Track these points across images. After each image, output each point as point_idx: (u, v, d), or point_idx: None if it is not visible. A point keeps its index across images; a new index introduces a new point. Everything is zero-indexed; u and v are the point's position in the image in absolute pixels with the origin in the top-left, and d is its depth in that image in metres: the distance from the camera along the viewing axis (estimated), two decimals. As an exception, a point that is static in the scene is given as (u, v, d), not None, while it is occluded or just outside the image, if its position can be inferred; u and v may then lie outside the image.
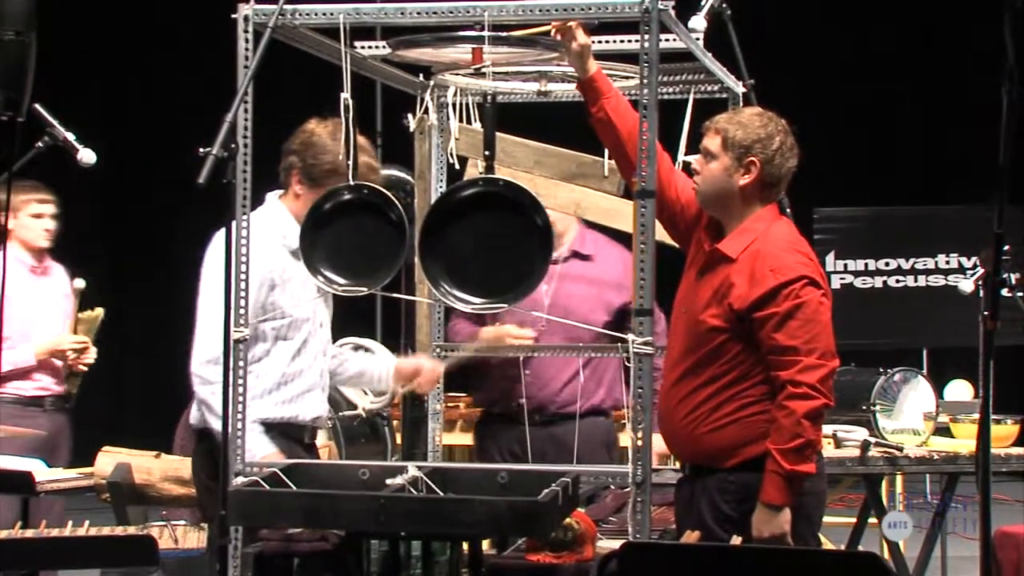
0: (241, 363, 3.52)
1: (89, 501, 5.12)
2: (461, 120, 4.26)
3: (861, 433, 4.89)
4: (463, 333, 4.85)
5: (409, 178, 4.64)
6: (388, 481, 3.27)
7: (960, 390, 5.87)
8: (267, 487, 3.27)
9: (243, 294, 3.53)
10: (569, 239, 4.89)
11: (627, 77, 3.95)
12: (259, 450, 3.85)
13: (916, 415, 5.03)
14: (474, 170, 4.30)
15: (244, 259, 3.53)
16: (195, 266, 4.06)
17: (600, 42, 3.94)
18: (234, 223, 3.44)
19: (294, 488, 3.32)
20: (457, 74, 4.06)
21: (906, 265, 6.36)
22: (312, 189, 3.97)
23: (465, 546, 3.36)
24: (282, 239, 4.02)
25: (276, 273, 3.98)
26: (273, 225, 4.04)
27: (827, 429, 4.67)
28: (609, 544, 3.57)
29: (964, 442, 5.04)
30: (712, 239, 3.73)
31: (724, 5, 4.34)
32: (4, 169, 2.55)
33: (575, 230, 4.91)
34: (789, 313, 3.56)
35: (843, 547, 5.46)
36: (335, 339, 4.36)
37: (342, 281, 3.64)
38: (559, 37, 3.58)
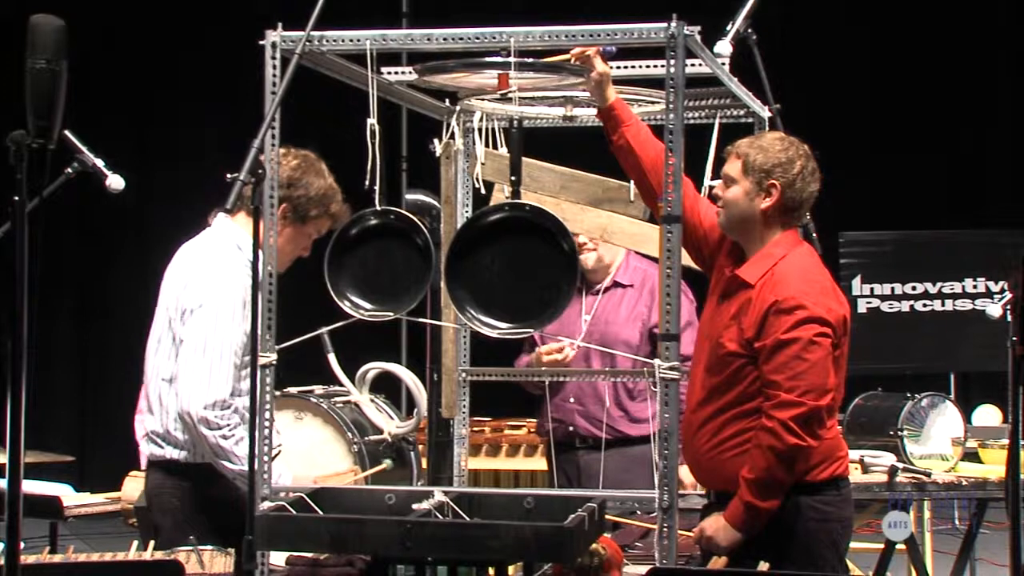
0: (268, 388, 3.53)
1: (116, 525, 5.13)
2: (487, 145, 4.27)
3: (888, 458, 4.86)
4: (522, 364, 5.04)
5: (435, 203, 4.65)
6: (414, 506, 3.27)
7: (988, 415, 5.83)
8: (293, 512, 3.27)
9: (270, 318, 3.54)
10: (614, 269, 5.01)
11: (653, 102, 3.95)
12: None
13: (944, 440, 5.00)
14: (500, 195, 4.30)
15: (271, 283, 3.54)
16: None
17: (626, 67, 3.95)
18: (261, 248, 3.45)
19: (320, 513, 3.32)
20: (483, 99, 4.07)
21: (933, 289, 6.32)
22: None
23: (491, 571, 3.36)
24: (247, 262, 3.91)
25: (249, 297, 3.84)
26: (237, 248, 3.94)
27: (854, 455, 4.65)
28: (635, 570, 3.55)
29: (993, 467, 5.01)
30: (733, 264, 3.73)
31: (750, 30, 4.35)
32: (36, 196, 2.56)
33: (620, 260, 5.01)
34: (778, 346, 3.54)
35: (870, 574, 5.43)
36: (362, 364, 4.33)
37: (368, 306, 3.65)
38: (579, 65, 3.60)
